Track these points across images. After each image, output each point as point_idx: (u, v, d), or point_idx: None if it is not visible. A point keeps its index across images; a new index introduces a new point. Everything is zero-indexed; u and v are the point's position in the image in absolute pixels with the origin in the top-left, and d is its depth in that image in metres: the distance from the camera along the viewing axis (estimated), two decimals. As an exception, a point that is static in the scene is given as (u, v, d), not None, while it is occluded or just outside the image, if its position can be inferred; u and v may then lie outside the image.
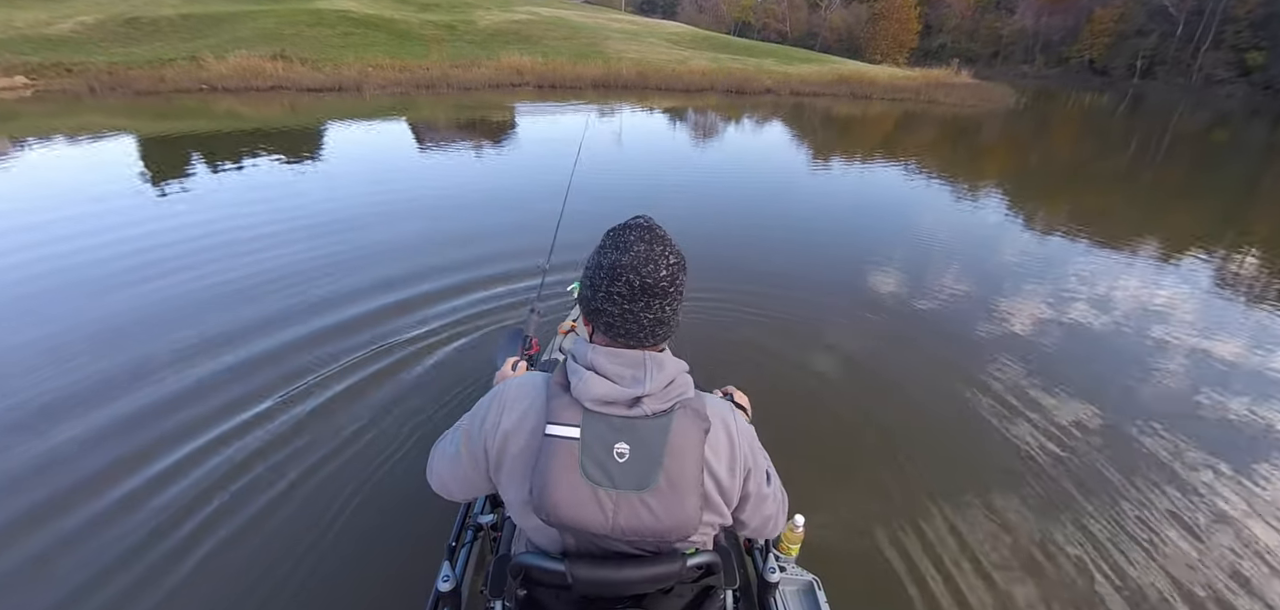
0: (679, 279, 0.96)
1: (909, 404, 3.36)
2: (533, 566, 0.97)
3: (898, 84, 23.65)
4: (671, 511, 0.90)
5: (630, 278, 0.92)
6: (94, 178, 7.29)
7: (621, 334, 0.95)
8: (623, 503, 0.89)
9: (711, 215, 7.00)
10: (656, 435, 0.91)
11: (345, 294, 4.24)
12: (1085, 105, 28.78)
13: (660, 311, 0.95)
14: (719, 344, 3.87)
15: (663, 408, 0.93)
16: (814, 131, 15.02)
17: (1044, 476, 2.81)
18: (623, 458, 0.89)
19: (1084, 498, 2.69)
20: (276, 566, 2.13)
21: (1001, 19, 54.69)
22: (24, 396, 3.03)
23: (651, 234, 0.96)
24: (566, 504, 0.89)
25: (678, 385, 0.96)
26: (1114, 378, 3.77)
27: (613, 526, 0.90)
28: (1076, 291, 5.11)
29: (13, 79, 14.38)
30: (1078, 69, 50.06)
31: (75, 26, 18.19)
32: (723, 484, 0.99)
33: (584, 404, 0.91)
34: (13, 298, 4.09)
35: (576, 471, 0.89)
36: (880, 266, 5.48)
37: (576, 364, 0.96)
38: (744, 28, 58.33)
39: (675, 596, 1.05)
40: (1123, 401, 3.50)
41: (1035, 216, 7.79)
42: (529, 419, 0.96)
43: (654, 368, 0.94)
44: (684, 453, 0.92)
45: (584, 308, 1.01)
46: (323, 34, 20.45)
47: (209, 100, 14.24)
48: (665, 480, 0.90)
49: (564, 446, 0.90)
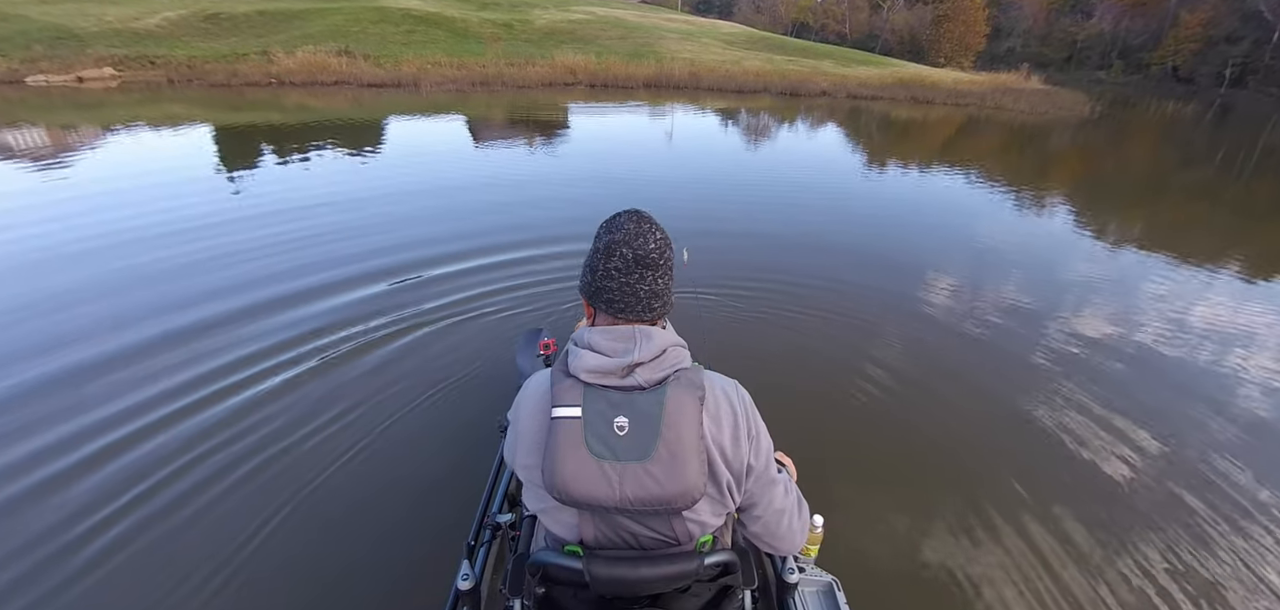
0: (666, 253, 1.07)
1: (954, 411, 3.24)
2: (551, 565, 0.99)
3: (962, 88, 22.66)
4: (674, 477, 0.94)
5: (624, 251, 1.02)
6: (177, 162, 7.69)
7: (622, 307, 1.03)
8: (627, 473, 0.93)
9: (762, 213, 6.90)
10: (652, 407, 0.95)
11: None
12: (1167, 114, 26.89)
13: (654, 283, 1.04)
14: (764, 338, 3.92)
15: (657, 378, 0.98)
16: (869, 135, 14.53)
17: (1100, 499, 2.63)
18: (623, 431, 0.94)
19: (1145, 527, 2.50)
20: (310, 551, 2.18)
21: (1077, 23, 51.88)
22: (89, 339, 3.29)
23: (639, 215, 1.07)
24: (575, 479, 0.94)
25: (671, 357, 1.00)
26: (1187, 404, 3.46)
27: (620, 497, 0.94)
28: (1149, 310, 4.73)
29: (102, 70, 15.37)
30: (1159, 76, 47.03)
31: (161, 21, 19.32)
32: (726, 451, 1.01)
33: (581, 378, 0.97)
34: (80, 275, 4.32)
35: (582, 448, 0.94)
36: (935, 273, 5.26)
37: (575, 346, 1.03)
38: (802, 28, 57.18)
39: (693, 596, 1.06)
40: (1195, 429, 3.21)
41: (1107, 229, 7.29)
42: (538, 410, 1.02)
43: (643, 339, 1.00)
44: (680, 420, 0.95)
45: (586, 292, 1.09)
46: (386, 31, 21.12)
47: (278, 94, 14.86)
48: (665, 448, 0.94)
49: (568, 426, 0.95)
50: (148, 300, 3.97)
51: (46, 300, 3.92)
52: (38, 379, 3.07)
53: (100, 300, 3.95)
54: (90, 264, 4.53)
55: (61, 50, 16.08)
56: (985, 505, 2.55)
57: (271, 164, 7.98)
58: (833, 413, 3.20)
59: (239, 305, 3.93)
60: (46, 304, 3.87)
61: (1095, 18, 50.10)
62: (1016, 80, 25.57)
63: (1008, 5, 52.88)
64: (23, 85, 14.46)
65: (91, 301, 3.93)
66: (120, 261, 4.59)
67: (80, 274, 4.34)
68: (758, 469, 1.06)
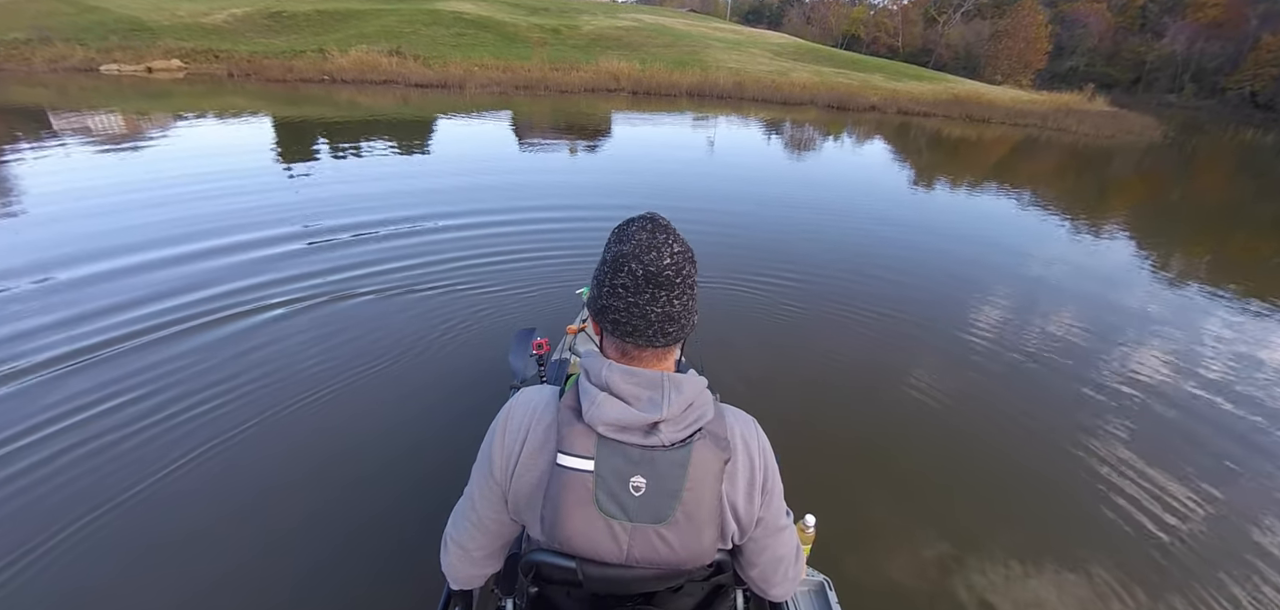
0: (685, 269, 0.91)
1: (982, 434, 3.17)
2: (544, 563, 0.95)
3: (1021, 108, 21.76)
4: (687, 544, 0.88)
5: (633, 266, 0.88)
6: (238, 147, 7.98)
7: (629, 332, 0.91)
8: (638, 535, 0.87)
9: (801, 224, 6.84)
10: (675, 469, 0.87)
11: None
12: (1245, 141, 25.31)
13: (667, 305, 0.90)
14: (799, 347, 3.97)
15: (681, 436, 0.88)
16: (919, 152, 14.06)
17: (1127, 548, 2.44)
18: (639, 492, 0.86)
19: (1175, 584, 2.30)
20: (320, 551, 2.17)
21: (1146, 42, 49.39)
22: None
23: (654, 224, 0.92)
24: (580, 536, 0.87)
25: (697, 408, 0.90)
26: (1248, 456, 3.14)
27: (627, 557, 0.88)
28: (1212, 352, 4.36)
29: (169, 62, 16.14)
30: (1235, 101, 44.17)
31: (227, 17, 20.22)
32: (740, 512, 0.95)
33: (597, 429, 0.86)
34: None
35: (590, 505, 0.86)
36: (980, 296, 5.08)
37: (589, 384, 0.90)
38: (852, 41, 56.02)
39: (686, 595, 1.02)
40: (1255, 484, 2.92)
41: (1169, 260, 6.81)
42: (539, 445, 0.91)
43: (672, 390, 0.88)
44: (702, 486, 0.88)
45: (592, 308, 0.97)
46: (437, 33, 21.61)
47: (331, 90, 15.31)
48: (682, 514, 0.87)
49: (577, 479, 0.86)
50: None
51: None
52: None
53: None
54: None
55: (135, 41, 16.98)
56: (994, 527, 2.48)
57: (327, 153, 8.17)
58: (851, 415, 3.24)
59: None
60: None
61: (1167, 38, 47.56)
62: (1079, 101, 24.41)
63: (1071, 22, 50.69)
64: (97, 73, 15.30)
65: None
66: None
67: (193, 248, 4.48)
68: (767, 519, 0.99)
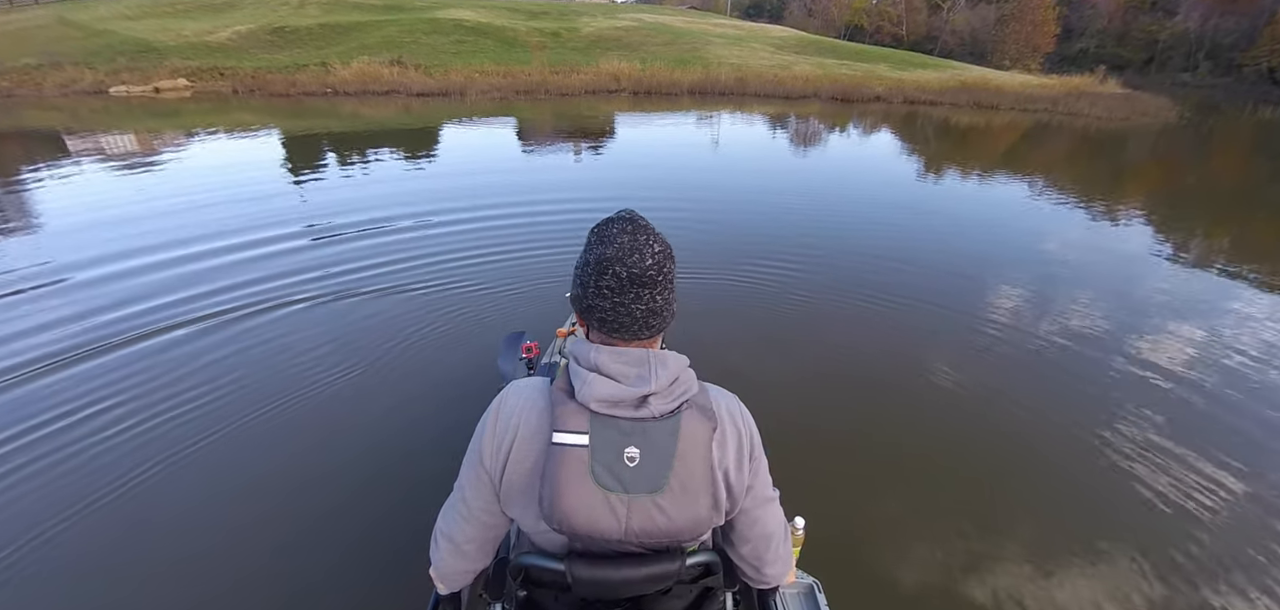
0: (666, 267, 0.96)
1: (1001, 428, 3.13)
2: (533, 567, 0.97)
3: (1030, 93, 21.44)
4: (684, 511, 0.91)
5: (617, 269, 0.92)
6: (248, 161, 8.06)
7: (615, 328, 0.95)
8: (635, 506, 0.89)
9: (809, 219, 6.80)
10: (666, 438, 0.90)
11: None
12: (1264, 120, 24.73)
13: (651, 302, 0.94)
14: (808, 341, 3.99)
15: (670, 408, 0.91)
16: (926, 141, 13.89)
17: (1152, 538, 2.40)
18: (633, 462, 0.89)
19: (1199, 574, 2.26)
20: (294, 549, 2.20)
21: (1158, 21, 48.48)
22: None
23: (634, 225, 0.96)
24: (578, 511, 0.88)
25: (682, 382, 0.94)
26: (1271, 443, 3.06)
27: (626, 530, 0.90)
28: (1236, 336, 4.26)
29: (176, 81, 16.34)
30: (1253, 78, 43.14)
31: (232, 35, 20.44)
32: (731, 479, 0.97)
33: (590, 407, 0.89)
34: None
35: (587, 479, 0.88)
36: (993, 287, 5.01)
37: (579, 367, 0.94)
38: (855, 31, 55.44)
39: (674, 597, 1.04)
40: (1277, 476, 2.82)
41: (1188, 245, 6.66)
42: (533, 430, 0.94)
43: (658, 365, 0.93)
44: (693, 453, 0.91)
45: (577, 306, 1.01)
46: (438, 42, 21.70)
47: (334, 103, 15.42)
48: (676, 482, 0.90)
49: (573, 454, 0.88)
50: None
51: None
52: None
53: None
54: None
55: (142, 63, 17.21)
56: (994, 522, 2.44)
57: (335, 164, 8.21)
58: (849, 411, 3.21)
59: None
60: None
61: (1180, 16, 46.62)
62: (1090, 83, 24.02)
63: (1080, 3, 49.91)
64: (107, 95, 15.53)
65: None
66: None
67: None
68: (755, 488, 1.03)
